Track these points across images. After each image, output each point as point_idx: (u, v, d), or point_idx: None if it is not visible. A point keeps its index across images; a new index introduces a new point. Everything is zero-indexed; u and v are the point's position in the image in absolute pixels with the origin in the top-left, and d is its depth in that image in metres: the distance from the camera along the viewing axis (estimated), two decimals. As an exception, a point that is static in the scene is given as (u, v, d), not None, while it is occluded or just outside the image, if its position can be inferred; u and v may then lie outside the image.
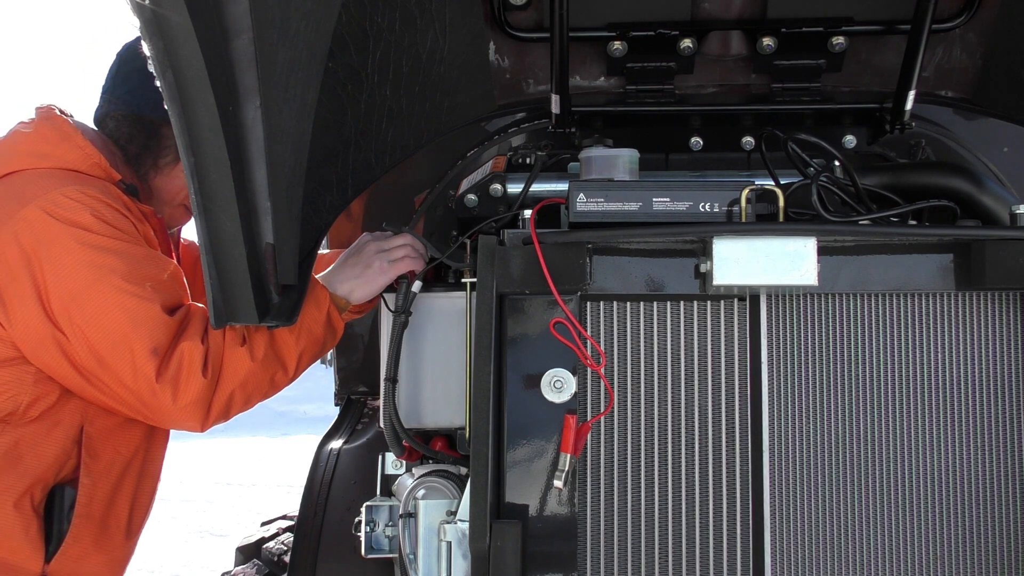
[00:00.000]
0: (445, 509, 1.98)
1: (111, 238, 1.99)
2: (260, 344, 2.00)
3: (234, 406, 2.03)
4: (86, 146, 2.12)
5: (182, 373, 1.93)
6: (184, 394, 1.93)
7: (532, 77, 2.54)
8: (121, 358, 1.92)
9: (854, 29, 2.38)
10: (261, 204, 1.71)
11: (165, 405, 1.93)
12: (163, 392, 1.92)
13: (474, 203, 2.31)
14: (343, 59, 1.96)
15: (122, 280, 1.94)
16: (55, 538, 2.02)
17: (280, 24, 1.63)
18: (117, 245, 1.99)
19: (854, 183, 1.99)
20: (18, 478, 1.98)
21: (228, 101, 1.60)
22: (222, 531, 9.00)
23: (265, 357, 2.01)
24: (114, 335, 1.92)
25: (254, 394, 2.05)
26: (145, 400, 1.94)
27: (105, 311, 1.92)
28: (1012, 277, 1.74)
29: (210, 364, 1.96)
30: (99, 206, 2.00)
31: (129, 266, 1.97)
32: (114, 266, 1.95)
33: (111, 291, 1.93)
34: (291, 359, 2.05)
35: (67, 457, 2.05)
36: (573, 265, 1.74)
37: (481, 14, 2.37)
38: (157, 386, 1.91)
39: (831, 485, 1.80)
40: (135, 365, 1.91)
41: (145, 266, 2.01)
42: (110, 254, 1.96)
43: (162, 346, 1.93)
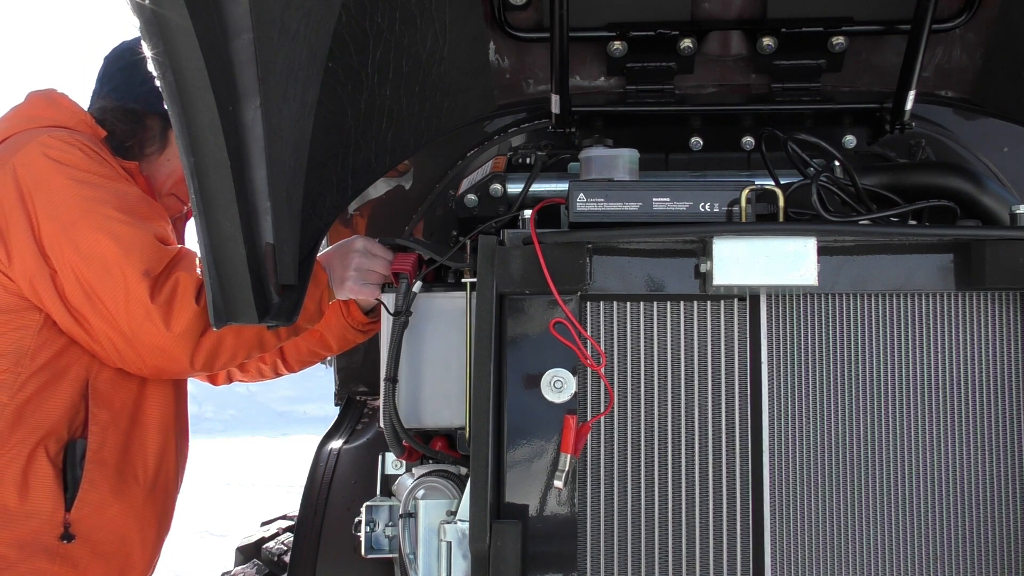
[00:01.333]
0: (445, 509, 1.98)
1: (99, 175, 2.07)
2: None
3: (223, 352, 2.04)
4: (71, 105, 2.24)
5: (176, 298, 1.95)
6: (178, 319, 1.95)
7: (532, 77, 2.54)
8: (113, 284, 1.95)
9: (854, 29, 2.38)
10: (261, 204, 1.71)
11: (157, 330, 1.95)
12: (157, 315, 1.94)
13: (474, 203, 2.31)
14: (343, 59, 1.96)
15: (112, 209, 2.00)
16: (71, 486, 2.05)
17: (280, 24, 1.63)
18: (105, 181, 2.06)
19: (854, 183, 1.99)
20: (30, 431, 2.02)
21: (228, 101, 1.60)
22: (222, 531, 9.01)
23: None
24: (106, 261, 1.95)
25: (242, 347, 2.08)
26: (137, 325, 1.95)
27: (95, 239, 1.96)
28: (1012, 277, 1.74)
29: (203, 296, 1.95)
30: (86, 148, 2.10)
31: (119, 199, 2.04)
32: (104, 198, 2.01)
33: (101, 219, 1.98)
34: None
35: (76, 411, 2.09)
36: (573, 265, 1.74)
37: (481, 14, 2.37)
38: (152, 307, 1.93)
39: (831, 485, 1.80)
40: (128, 288, 1.94)
41: (135, 201, 2.08)
42: (100, 189, 2.03)
43: (154, 269, 1.97)
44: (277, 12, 1.61)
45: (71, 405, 2.08)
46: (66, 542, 2.04)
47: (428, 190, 2.66)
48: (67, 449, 2.08)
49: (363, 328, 2.48)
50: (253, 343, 2.10)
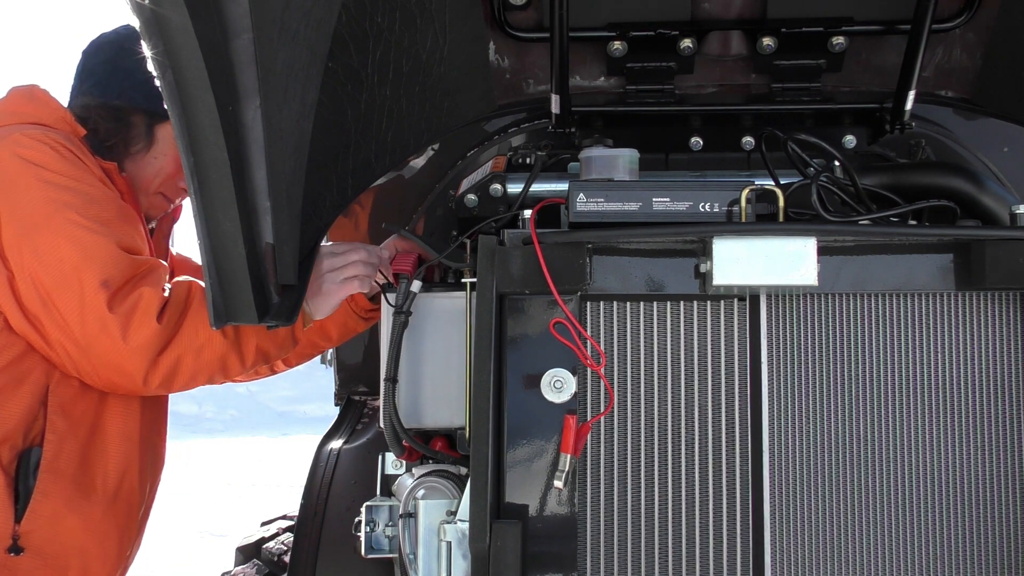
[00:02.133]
0: (445, 509, 1.98)
1: (70, 177, 1.99)
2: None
3: (180, 373, 1.96)
4: (51, 101, 2.17)
5: (137, 312, 1.89)
6: (135, 334, 1.88)
7: (532, 77, 2.54)
8: (69, 291, 1.88)
9: (854, 29, 2.38)
10: (261, 204, 1.71)
11: (112, 341, 1.88)
12: (113, 325, 1.87)
13: (474, 203, 2.31)
14: (343, 59, 1.96)
15: (76, 214, 1.93)
16: (23, 496, 1.96)
17: (280, 24, 1.63)
18: (75, 184, 1.98)
19: (854, 183, 1.99)
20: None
21: (228, 101, 1.60)
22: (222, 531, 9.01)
23: (228, 336, 1.98)
24: (64, 267, 1.88)
25: (202, 369, 1.99)
26: (92, 336, 1.88)
27: (55, 244, 1.90)
28: (1012, 277, 1.74)
29: (167, 315, 1.91)
30: (59, 146, 2.02)
31: (85, 203, 1.96)
32: (69, 201, 1.94)
33: (63, 223, 1.91)
34: (249, 350, 2.02)
35: (34, 418, 2.01)
36: (573, 265, 1.73)
37: (481, 14, 2.37)
38: (108, 316, 1.86)
39: (831, 485, 1.80)
40: (84, 297, 1.87)
41: (103, 206, 2.00)
42: (67, 191, 1.96)
43: (114, 280, 1.90)
44: (277, 12, 1.61)
45: (29, 411, 2.00)
46: (14, 555, 1.95)
47: (428, 190, 2.66)
48: (21, 457, 1.98)
49: (365, 315, 2.41)
50: (215, 367, 2.01)
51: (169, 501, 8.98)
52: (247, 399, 22.86)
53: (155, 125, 2.28)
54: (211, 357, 1.98)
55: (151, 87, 2.16)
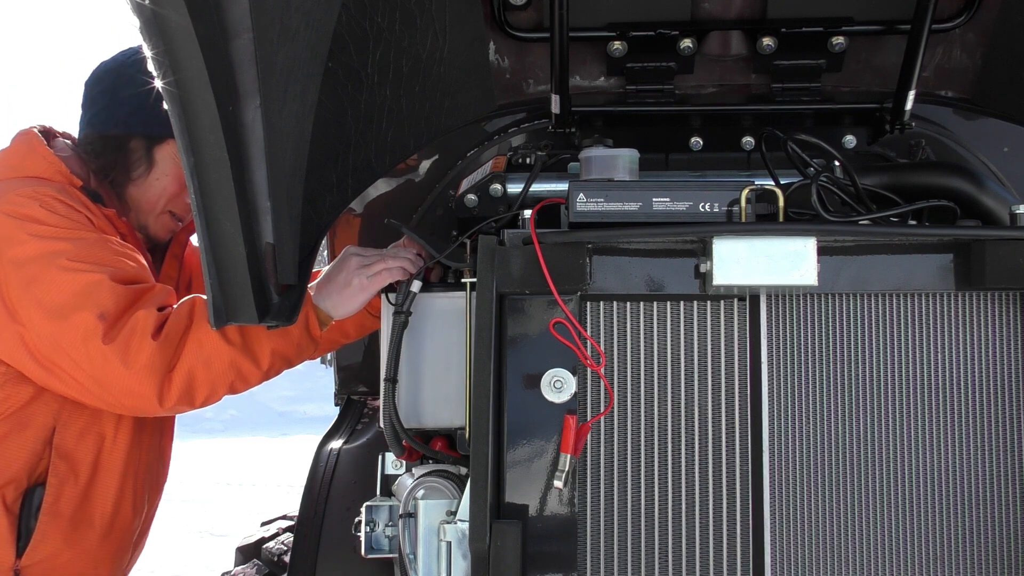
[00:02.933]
0: (445, 509, 1.98)
1: (62, 227, 2.06)
2: (232, 328, 1.97)
3: (198, 387, 1.98)
4: (48, 155, 2.24)
5: (134, 336, 1.93)
6: (135, 357, 1.92)
7: (532, 77, 2.54)
8: (73, 332, 1.94)
9: (854, 29, 2.38)
10: (261, 204, 1.71)
11: (116, 371, 1.93)
12: (112, 355, 1.92)
13: (474, 203, 2.31)
14: (343, 59, 1.96)
15: (67, 260, 2.00)
16: (24, 535, 2.08)
17: (280, 24, 1.63)
18: (67, 233, 2.06)
19: (854, 183, 1.99)
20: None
21: (228, 101, 1.60)
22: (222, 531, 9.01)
23: (235, 343, 1.98)
24: (64, 310, 1.95)
25: (220, 379, 2.00)
26: (99, 368, 1.94)
27: (52, 291, 1.97)
28: (1012, 277, 1.74)
29: (165, 330, 1.95)
30: (50, 200, 2.09)
31: (76, 247, 2.03)
32: (61, 249, 2.01)
33: (57, 272, 1.98)
34: (263, 353, 2.02)
35: (38, 459, 2.10)
36: (573, 265, 1.73)
37: (481, 14, 2.37)
38: (106, 348, 1.92)
39: (831, 485, 1.80)
40: (85, 334, 1.93)
41: (95, 248, 2.07)
42: (59, 240, 2.03)
43: (110, 312, 1.95)
44: (277, 12, 1.61)
45: (33, 454, 2.10)
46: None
47: (428, 190, 2.66)
48: (24, 497, 2.09)
49: (379, 313, 2.37)
50: (230, 375, 2.01)
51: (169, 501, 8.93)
52: (247, 399, 22.86)
53: (154, 147, 2.35)
54: (222, 366, 1.99)
55: (149, 111, 2.25)
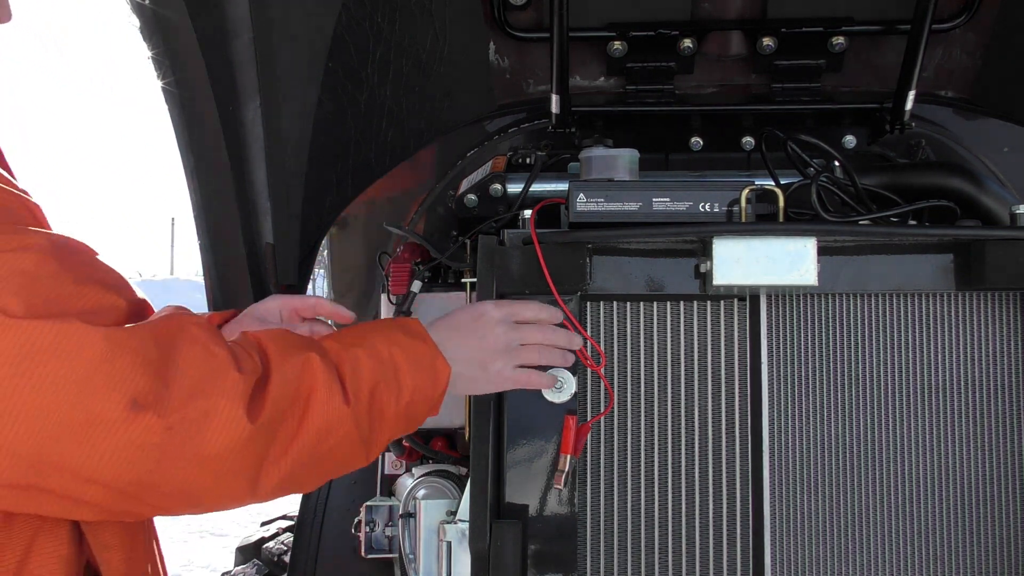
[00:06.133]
0: (445, 509, 1.98)
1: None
2: (363, 404, 1.38)
3: (300, 480, 1.35)
4: None
5: (209, 420, 1.20)
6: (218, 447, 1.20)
7: (532, 77, 2.54)
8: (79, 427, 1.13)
9: (854, 29, 2.38)
10: (261, 204, 1.71)
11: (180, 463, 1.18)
12: (174, 444, 1.17)
13: (474, 203, 2.31)
14: (343, 59, 1.96)
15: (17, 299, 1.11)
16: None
17: (280, 24, 1.63)
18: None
19: (854, 183, 1.99)
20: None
21: (228, 101, 1.60)
22: (222, 531, 9.00)
23: (362, 425, 1.39)
24: (48, 409, 1.12)
25: (321, 473, 1.40)
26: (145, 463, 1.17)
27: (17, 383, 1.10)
28: (1012, 277, 1.74)
29: (268, 410, 1.26)
30: None
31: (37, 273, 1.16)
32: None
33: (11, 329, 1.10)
34: (379, 443, 1.45)
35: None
36: (573, 265, 1.73)
37: (481, 14, 2.37)
38: (164, 440, 1.17)
39: (831, 485, 1.80)
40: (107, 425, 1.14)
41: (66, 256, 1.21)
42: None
43: (145, 391, 1.16)
44: (277, 12, 1.61)
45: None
46: None
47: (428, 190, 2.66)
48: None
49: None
50: (338, 468, 1.43)
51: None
52: (247, 399, 22.78)
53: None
54: (336, 457, 1.39)
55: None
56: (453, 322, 1.58)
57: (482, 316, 1.58)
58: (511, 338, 1.58)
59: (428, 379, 1.47)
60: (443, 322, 1.58)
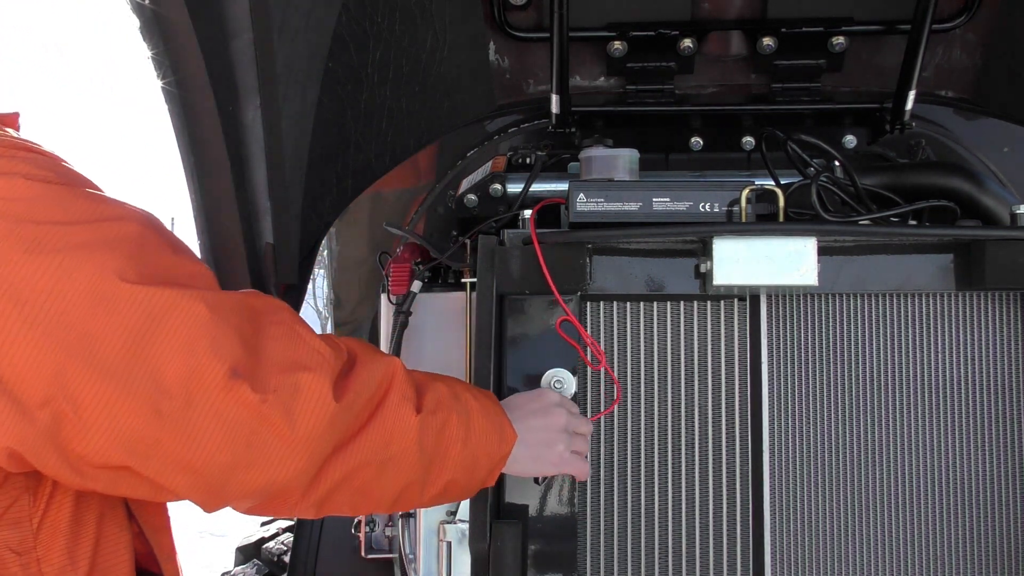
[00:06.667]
0: (445, 509, 1.98)
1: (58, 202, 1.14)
2: (431, 430, 1.36)
3: (346, 496, 1.31)
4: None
5: (299, 396, 1.20)
6: (301, 418, 1.19)
7: (532, 77, 2.54)
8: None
9: (854, 29, 2.38)
10: (261, 204, 1.71)
11: (268, 430, 1.16)
12: (269, 413, 1.16)
13: (474, 203, 2.31)
14: (343, 59, 1.96)
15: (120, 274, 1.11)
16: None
17: (280, 24, 1.63)
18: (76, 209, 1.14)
19: (854, 183, 1.99)
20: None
21: (228, 101, 1.60)
22: (222, 531, 9.01)
23: (426, 449, 1.36)
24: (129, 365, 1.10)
25: (375, 498, 1.37)
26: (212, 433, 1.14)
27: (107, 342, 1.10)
28: (1012, 277, 1.74)
29: (350, 396, 1.25)
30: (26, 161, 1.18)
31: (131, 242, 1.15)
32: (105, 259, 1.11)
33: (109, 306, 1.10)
34: (440, 479, 1.41)
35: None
36: (573, 265, 1.73)
37: (481, 14, 2.37)
38: (261, 410, 1.15)
39: (831, 485, 1.80)
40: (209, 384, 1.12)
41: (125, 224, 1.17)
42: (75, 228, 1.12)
43: (242, 360, 1.16)
44: (277, 12, 1.61)
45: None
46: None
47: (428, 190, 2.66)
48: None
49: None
50: (391, 493, 1.39)
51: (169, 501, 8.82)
52: (247, 399, 22.78)
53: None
54: (397, 480, 1.37)
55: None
56: (517, 402, 1.61)
57: (542, 397, 1.62)
58: (571, 422, 1.61)
59: (495, 435, 1.46)
60: (506, 401, 1.61)
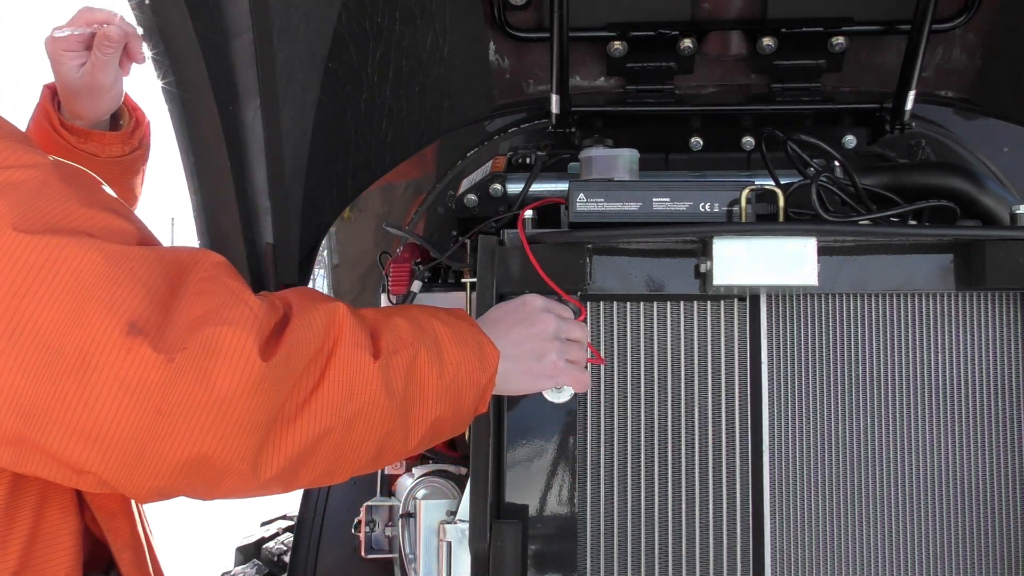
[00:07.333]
0: (445, 509, 1.98)
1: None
2: (399, 366, 1.24)
3: (318, 459, 1.18)
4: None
5: (218, 354, 1.05)
6: (220, 383, 1.04)
7: (532, 77, 2.54)
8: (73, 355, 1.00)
9: (854, 29, 2.38)
10: (261, 204, 1.71)
11: (183, 402, 1.03)
12: (180, 377, 1.02)
13: (474, 203, 2.31)
14: (343, 59, 1.96)
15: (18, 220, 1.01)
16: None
17: (280, 24, 1.63)
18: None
19: (854, 183, 1.99)
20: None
21: (228, 101, 1.60)
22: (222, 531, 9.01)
23: (396, 394, 1.24)
24: (50, 327, 0.99)
25: (353, 457, 1.23)
26: (135, 410, 1.02)
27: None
28: (1012, 277, 1.74)
29: (284, 348, 1.10)
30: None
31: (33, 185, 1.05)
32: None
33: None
34: (422, 422, 1.30)
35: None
36: (573, 265, 1.73)
37: (481, 14, 2.37)
38: (165, 368, 1.01)
39: (831, 485, 1.80)
40: (109, 349, 1.00)
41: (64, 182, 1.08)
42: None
43: (146, 316, 1.03)
44: (277, 12, 1.61)
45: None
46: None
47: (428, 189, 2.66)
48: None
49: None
50: (370, 449, 1.26)
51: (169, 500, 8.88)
52: (247, 399, 22.75)
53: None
54: (372, 434, 1.24)
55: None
56: (494, 315, 1.49)
57: (525, 305, 1.50)
58: (560, 327, 1.49)
59: (474, 358, 1.33)
60: (484, 316, 1.50)
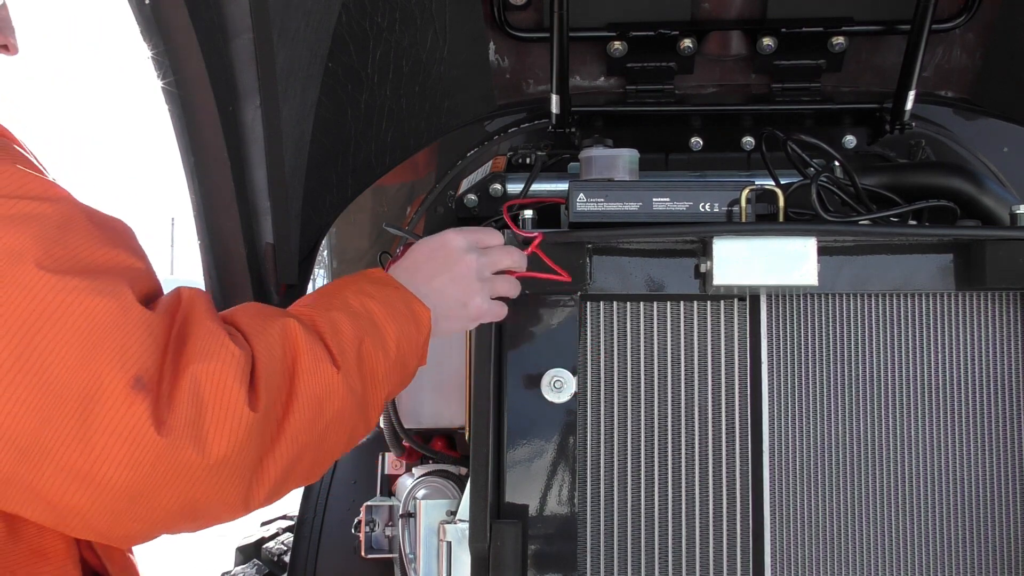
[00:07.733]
0: (445, 509, 1.98)
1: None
2: (351, 362, 1.25)
3: (299, 472, 1.20)
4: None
5: (208, 409, 1.06)
6: (214, 441, 1.05)
7: (532, 77, 2.54)
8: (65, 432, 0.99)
9: (854, 29, 2.38)
10: (261, 204, 1.71)
11: (177, 469, 1.04)
12: (174, 445, 1.03)
13: (474, 203, 2.31)
14: (343, 59, 1.96)
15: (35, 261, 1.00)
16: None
17: (280, 24, 1.63)
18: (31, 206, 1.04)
19: (854, 183, 1.99)
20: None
21: (228, 101, 1.60)
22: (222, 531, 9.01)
23: (355, 390, 1.26)
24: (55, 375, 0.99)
25: (328, 456, 1.27)
26: (134, 470, 1.02)
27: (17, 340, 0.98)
28: (1012, 277, 1.74)
29: (263, 388, 1.12)
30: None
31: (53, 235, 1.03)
32: (24, 247, 1.00)
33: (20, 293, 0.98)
34: (377, 403, 1.33)
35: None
36: (573, 265, 1.73)
37: (481, 14, 2.37)
38: (160, 439, 1.02)
39: (831, 485, 1.80)
40: (112, 420, 1.00)
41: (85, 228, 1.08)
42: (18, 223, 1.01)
43: (150, 369, 1.03)
44: (277, 12, 1.61)
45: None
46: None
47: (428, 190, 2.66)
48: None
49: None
50: (343, 443, 1.30)
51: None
52: (247, 399, 22.75)
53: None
54: (339, 434, 1.27)
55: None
56: (414, 259, 1.46)
57: (444, 246, 1.46)
58: (482, 264, 1.48)
59: (410, 325, 1.35)
60: (403, 263, 1.46)
